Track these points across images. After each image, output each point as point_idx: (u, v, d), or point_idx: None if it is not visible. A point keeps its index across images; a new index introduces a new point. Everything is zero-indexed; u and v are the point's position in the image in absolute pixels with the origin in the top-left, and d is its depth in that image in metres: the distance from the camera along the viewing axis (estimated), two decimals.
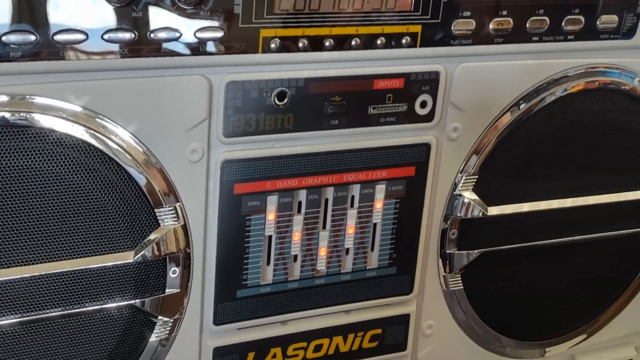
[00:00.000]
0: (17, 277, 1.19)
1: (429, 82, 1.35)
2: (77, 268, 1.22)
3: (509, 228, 1.51)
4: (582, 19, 1.40)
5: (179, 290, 1.31)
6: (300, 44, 1.25)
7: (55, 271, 1.21)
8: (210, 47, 1.20)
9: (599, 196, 1.55)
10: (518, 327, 1.64)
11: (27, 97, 1.14)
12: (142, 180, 1.23)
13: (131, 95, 1.19)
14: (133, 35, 1.15)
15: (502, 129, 1.43)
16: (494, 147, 1.44)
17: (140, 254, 1.25)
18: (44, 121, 1.15)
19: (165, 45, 1.17)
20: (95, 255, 1.23)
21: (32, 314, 1.21)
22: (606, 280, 1.68)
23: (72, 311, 1.24)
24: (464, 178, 1.45)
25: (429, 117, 1.38)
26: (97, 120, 1.18)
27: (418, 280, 1.49)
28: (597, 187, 1.55)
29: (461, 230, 1.48)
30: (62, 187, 1.18)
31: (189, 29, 1.18)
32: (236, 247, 1.33)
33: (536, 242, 1.54)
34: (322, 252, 1.39)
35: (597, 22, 1.42)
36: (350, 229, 1.40)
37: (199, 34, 1.18)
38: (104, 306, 1.26)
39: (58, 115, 1.16)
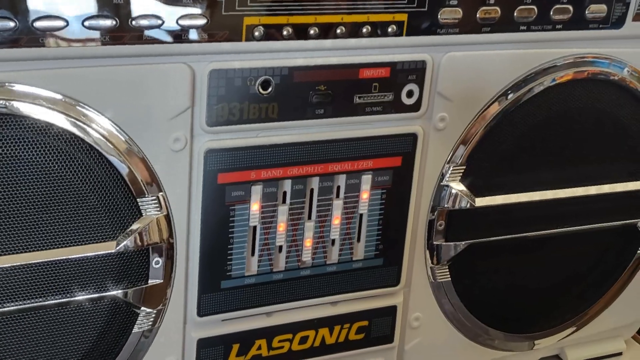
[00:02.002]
0: None
1: (416, 71, 1.34)
2: (58, 258, 1.20)
3: (497, 219, 1.50)
4: (571, 8, 1.39)
5: (162, 281, 1.29)
6: (285, 32, 1.24)
7: (35, 261, 1.19)
8: (193, 34, 1.18)
9: (587, 187, 1.54)
10: (506, 319, 1.63)
11: (7, 84, 1.13)
12: (124, 169, 1.21)
13: (112, 83, 1.17)
14: (114, 22, 1.13)
15: (489, 119, 1.42)
16: (482, 137, 1.42)
17: (122, 244, 1.23)
18: (24, 109, 1.13)
19: (147, 32, 1.16)
20: (77, 245, 1.21)
21: (11, 304, 1.20)
22: (595, 272, 1.67)
23: (52, 302, 1.22)
24: (451, 169, 1.44)
25: (416, 107, 1.37)
26: (78, 108, 1.17)
27: (405, 272, 1.48)
28: (585, 179, 1.54)
29: (448, 221, 1.47)
30: (42, 175, 1.16)
31: (171, 16, 1.16)
32: (220, 238, 1.32)
33: (525, 234, 1.53)
34: (308, 243, 1.38)
35: (586, 12, 1.40)
36: (336, 220, 1.39)
37: (181, 22, 1.17)
38: (85, 297, 1.25)
39: (38, 103, 1.14)
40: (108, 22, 1.13)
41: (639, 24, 1.45)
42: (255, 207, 1.32)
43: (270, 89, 1.26)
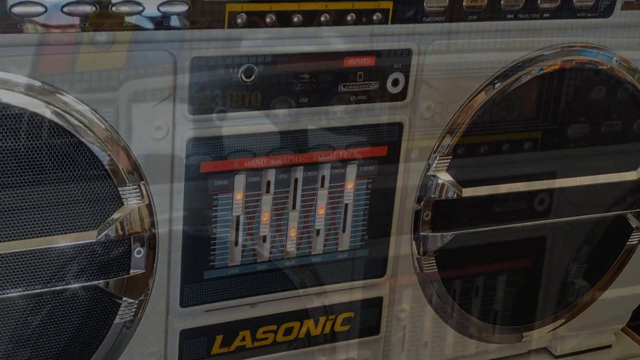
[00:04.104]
0: None
1: (401, 59, 1.33)
2: (37, 248, 1.19)
3: (484, 210, 1.49)
4: None
5: (144, 271, 1.28)
6: (268, 20, 1.22)
7: (14, 251, 1.18)
8: (175, 21, 1.17)
9: (576, 178, 1.53)
10: (494, 311, 1.62)
11: None
12: (104, 158, 1.20)
13: (92, 70, 1.16)
14: (94, 8, 1.12)
15: (476, 109, 1.41)
16: (469, 126, 1.41)
17: (103, 234, 1.22)
18: (2, 96, 1.12)
19: (127, 19, 1.14)
20: (57, 234, 1.20)
21: None
22: (584, 264, 1.66)
23: (31, 292, 1.21)
24: (437, 158, 1.42)
25: (401, 96, 1.35)
26: (57, 95, 1.15)
27: (391, 263, 1.47)
28: (574, 169, 1.52)
29: (435, 212, 1.46)
30: (22, 164, 1.15)
31: (152, 2, 1.14)
32: (203, 228, 1.30)
33: (512, 225, 1.52)
34: (292, 233, 1.37)
35: (574, 0, 1.39)
36: (321, 210, 1.37)
37: (162, 8, 1.15)
38: (65, 287, 1.23)
39: (16, 90, 1.12)
40: (88, 8, 1.11)
41: (628, 12, 1.44)
42: (238, 196, 1.30)
43: (253, 77, 1.25)
